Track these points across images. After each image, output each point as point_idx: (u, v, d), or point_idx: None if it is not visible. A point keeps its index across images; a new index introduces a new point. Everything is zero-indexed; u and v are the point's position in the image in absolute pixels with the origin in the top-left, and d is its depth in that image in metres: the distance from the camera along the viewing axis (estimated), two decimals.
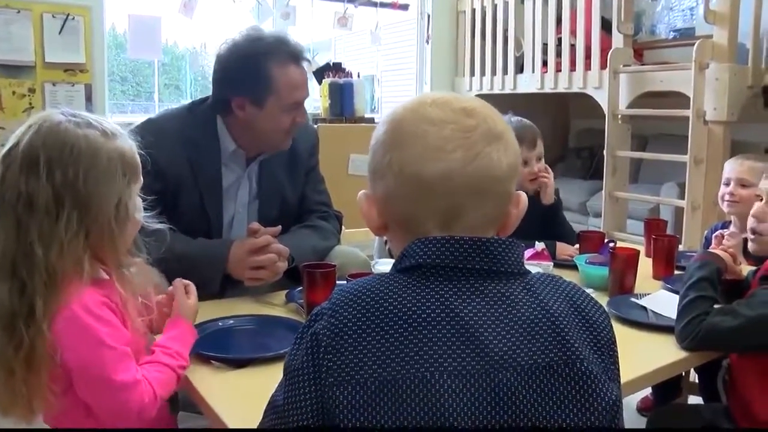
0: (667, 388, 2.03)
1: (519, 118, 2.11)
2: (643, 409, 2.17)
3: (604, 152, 3.65)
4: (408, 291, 0.71)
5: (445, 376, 0.66)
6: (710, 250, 1.43)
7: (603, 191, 3.71)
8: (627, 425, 1.66)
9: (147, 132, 1.50)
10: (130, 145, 1.03)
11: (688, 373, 2.12)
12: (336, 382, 0.68)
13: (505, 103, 2.21)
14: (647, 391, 2.17)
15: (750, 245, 1.35)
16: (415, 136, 0.75)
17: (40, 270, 0.93)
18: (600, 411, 0.70)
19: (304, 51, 1.67)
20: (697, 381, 2.06)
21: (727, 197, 1.90)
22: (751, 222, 1.34)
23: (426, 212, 0.75)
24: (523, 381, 0.68)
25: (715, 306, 1.28)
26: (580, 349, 0.71)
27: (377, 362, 0.67)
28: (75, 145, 0.95)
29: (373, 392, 0.66)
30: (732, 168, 1.91)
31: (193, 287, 1.18)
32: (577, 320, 0.74)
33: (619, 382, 0.77)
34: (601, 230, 3.59)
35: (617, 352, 0.78)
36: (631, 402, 2.17)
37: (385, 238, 1.87)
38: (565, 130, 5.47)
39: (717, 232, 1.58)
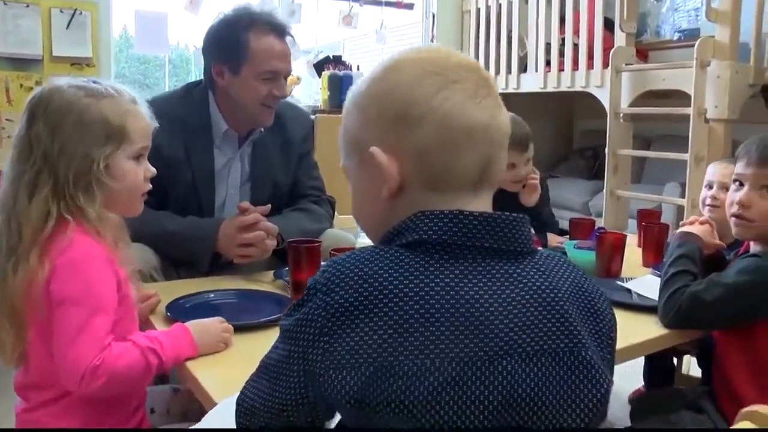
0: (659, 381, 2.03)
1: (512, 114, 2.05)
2: (635, 401, 2.16)
3: (606, 151, 3.66)
4: (410, 270, 0.66)
5: (446, 363, 0.62)
6: (685, 229, 1.43)
7: (604, 190, 3.71)
8: (619, 417, 1.67)
9: None
10: (124, 109, 1.05)
11: (680, 365, 2.12)
12: (332, 366, 0.64)
13: (509, 102, 2.10)
14: (640, 383, 2.16)
15: (737, 231, 1.32)
16: (453, 81, 0.70)
17: (14, 212, 1.00)
18: (596, 400, 0.68)
19: (288, 27, 1.70)
20: (691, 374, 2.06)
21: (709, 201, 1.74)
22: (735, 209, 1.30)
23: (468, 162, 0.70)
24: (527, 367, 0.65)
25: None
26: (584, 336, 0.69)
27: (373, 346, 0.63)
28: (51, 101, 1.02)
29: (368, 378, 0.62)
30: (716, 171, 1.77)
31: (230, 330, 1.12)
32: (582, 305, 0.72)
33: (613, 370, 0.74)
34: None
35: (615, 339, 0.76)
36: (622, 394, 2.17)
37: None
38: (570, 131, 5.47)
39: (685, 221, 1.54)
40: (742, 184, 1.28)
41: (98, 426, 1.04)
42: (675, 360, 2.06)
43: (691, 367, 2.12)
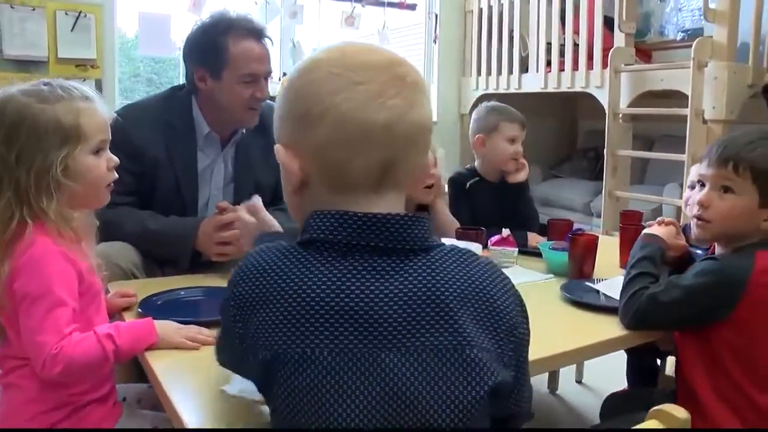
0: (642, 382, 2.04)
1: (504, 104, 2.16)
2: (605, 400, 2.17)
3: (604, 152, 3.66)
4: (298, 266, 0.70)
5: (326, 353, 0.66)
6: (649, 231, 1.44)
7: (603, 191, 3.71)
8: (597, 416, 1.65)
9: (126, 116, 1.58)
10: (76, 108, 1.09)
11: (664, 367, 2.12)
12: (247, 348, 0.71)
13: (513, 103, 2.20)
14: (624, 384, 2.17)
15: (697, 232, 1.31)
16: (356, 82, 0.72)
17: None
18: (479, 397, 0.69)
19: (266, 29, 1.74)
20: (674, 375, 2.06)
21: (691, 201, 1.66)
22: (695, 210, 1.29)
23: (366, 163, 0.72)
24: (407, 362, 0.67)
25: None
26: (471, 333, 0.70)
27: (266, 335, 0.68)
28: (5, 109, 1.06)
29: (263, 365, 0.68)
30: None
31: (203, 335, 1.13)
32: (477, 303, 0.72)
33: (518, 367, 0.75)
34: (601, 230, 3.60)
35: (521, 337, 0.76)
36: (605, 395, 2.17)
37: None
38: (573, 131, 5.45)
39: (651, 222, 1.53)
40: (704, 185, 1.29)
41: (58, 387, 1.08)
42: (659, 361, 2.07)
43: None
